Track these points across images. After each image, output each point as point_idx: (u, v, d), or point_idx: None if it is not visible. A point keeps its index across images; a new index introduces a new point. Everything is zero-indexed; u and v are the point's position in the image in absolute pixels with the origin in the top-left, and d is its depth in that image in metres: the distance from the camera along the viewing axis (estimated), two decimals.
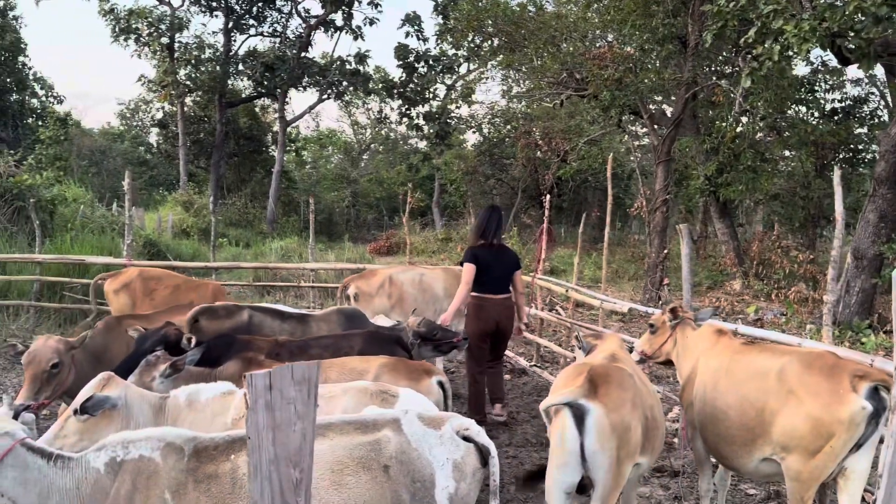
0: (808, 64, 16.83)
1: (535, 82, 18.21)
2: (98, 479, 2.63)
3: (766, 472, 3.86)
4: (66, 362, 4.68)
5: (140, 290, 7.65)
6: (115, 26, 26.69)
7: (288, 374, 1.74)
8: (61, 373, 4.64)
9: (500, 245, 6.67)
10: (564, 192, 26.99)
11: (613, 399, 3.46)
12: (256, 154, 33.43)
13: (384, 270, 8.07)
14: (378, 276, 7.82)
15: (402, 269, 8.15)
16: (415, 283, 7.73)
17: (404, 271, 8.06)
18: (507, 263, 6.59)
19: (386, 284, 7.60)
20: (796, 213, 16.67)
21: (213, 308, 5.68)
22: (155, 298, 7.51)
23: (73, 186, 18.27)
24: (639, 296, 14.25)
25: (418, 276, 7.94)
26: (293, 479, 1.75)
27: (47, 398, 4.61)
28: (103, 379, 3.42)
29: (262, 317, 5.64)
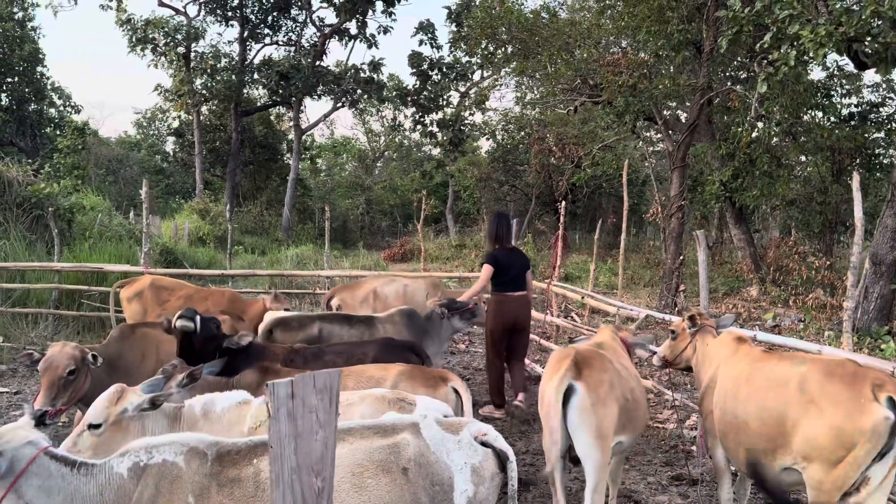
0: (824, 69, 16.72)
1: (548, 89, 18.20)
2: (121, 484, 2.65)
3: (787, 481, 3.81)
4: (82, 369, 4.71)
5: (151, 299, 7.69)
6: (132, 36, 27.00)
7: (310, 382, 1.75)
8: (77, 379, 4.68)
9: (513, 247, 7.49)
10: (579, 198, 26.95)
11: (594, 380, 4.02)
12: (272, 162, 33.66)
13: (368, 283, 8.07)
14: (362, 289, 7.84)
15: (386, 281, 8.14)
16: (399, 294, 7.76)
17: (388, 283, 8.05)
18: (521, 264, 7.32)
19: (370, 297, 7.63)
20: (814, 219, 16.52)
21: (287, 320, 5.97)
22: (167, 308, 7.53)
23: (90, 195, 18.45)
24: (654, 302, 14.18)
25: (402, 287, 7.98)
26: (315, 487, 1.76)
27: (64, 404, 4.64)
28: (117, 391, 3.42)
29: (332, 326, 6.00)
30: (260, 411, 3.49)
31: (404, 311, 6.50)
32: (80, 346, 4.82)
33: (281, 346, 4.74)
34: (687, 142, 13.62)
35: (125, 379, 5.12)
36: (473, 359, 10.23)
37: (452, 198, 31.08)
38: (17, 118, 31.53)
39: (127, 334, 5.48)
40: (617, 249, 23.14)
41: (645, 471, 6.05)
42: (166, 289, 7.81)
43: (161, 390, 3.55)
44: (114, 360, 5.18)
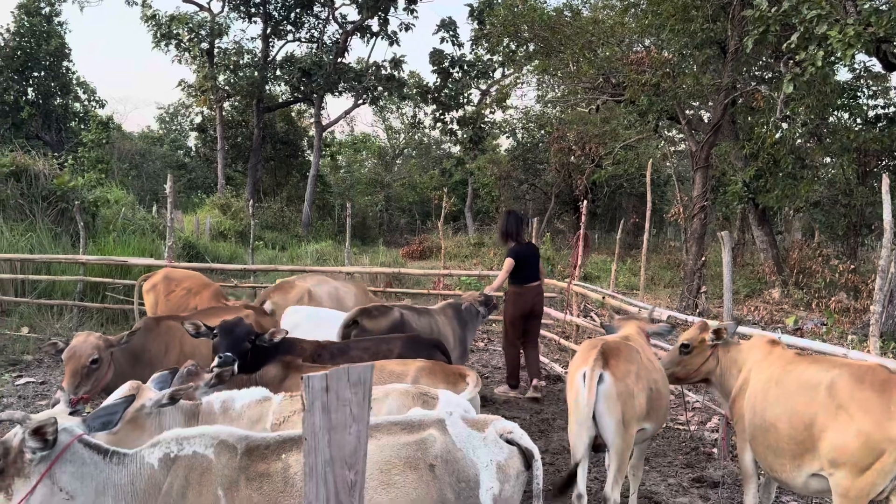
0: (851, 70, 16.50)
1: (570, 87, 18.12)
2: (152, 474, 2.69)
3: (815, 488, 3.76)
4: (105, 359, 4.77)
5: (162, 290, 7.76)
6: (156, 32, 27.25)
7: (344, 376, 1.77)
8: (100, 369, 4.73)
9: (528, 242, 8.34)
10: (598, 197, 26.82)
11: (621, 370, 4.23)
12: (292, 158, 33.85)
13: (301, 283, 7.92)
14: (296, 290, 7.70)
15: (320, 282, 8.05)
16: (332, 296, 7.69)
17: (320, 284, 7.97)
18: (535, 256, 8.06)
19: (305, 298, 7.52)
20: (838, 222, 16.31)
21: (369, 309, 6.19)
22: (171, 300, 7.57)
23: (114, 189, 18.66)
24: (675, 303, 14.09)
25: (334, 289, 7.90)
26: (348, 480, 1.78)
27: (86, 393, 4.70)
28: (132, 388, 3.45)
29: (409, 313, 6.39)
30: (282, 407, 3.51)
31: (452, 304, 7.02)
32: (103, 336, 4.88)
33: (309, 342, 4.77)
34: (710, 142, 13.50)
35: (149, 371, 5.18)
36: (492, 357, 10.24)
37: (471, 196, 31.06)
38: (43, 112, 31.97)
39: (151, 327, 5.53)
40: (636, 250, 23.08)
41: (665, 472, 6.02)
42: (174, 280, 7.86)
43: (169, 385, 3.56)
44: (138, 353, 5.24)
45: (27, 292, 10.99)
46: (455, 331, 6.79)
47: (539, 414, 7.52)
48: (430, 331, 6.38)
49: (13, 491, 2.63)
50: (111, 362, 4.87)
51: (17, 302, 10.76)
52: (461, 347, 6.83)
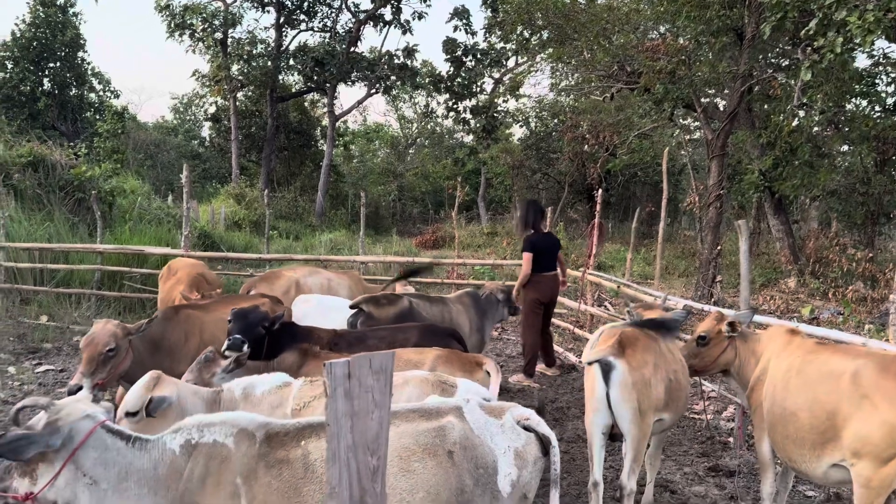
0: (869, 56, 16.27)
1: (584, 75, 18.00)
2: (173, 460, 2.72)
3: (836, 478, 3.73)
4: (122, 347, 4.80)
5: (165, 278, 7.81)
6: (170, 22, 27.30)
7: (366, 363, 1.78)
8: (117, 357, 4.77)
9: (547, 231, 8.46)
10: (612, 186, 26.68)
11: (637, 359, 4.21)
12: (306, 148, 33.89)
13: (289, 274, 7.78)
14: (283, 280, 7.57)
15: (309, 273, 7.89)
16: (322, 287, 7.54)
17: (311, 275, 7.82)
18: (554, 246, 8.23)
19: (292, 289, 7.37)
20: (855, 210, 16.14)
21: (377, 297, 6.18)
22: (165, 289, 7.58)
23: (130, 179, 18.79)
24: (690, 292, 14.02)
25: (326, 280, 7.74)
26: (371, 466, 1.79)
27: (102, 380, 4.74)
28: (153, 378, 3.48)
29: (419, 302, 6.36)
30: (303, 393, 3.54)
31: (469, 292, 7.02)
32: (121, 325, 4.90)
33: (325, 330, 4.79)
34: (727, 130, 13.38)
35: (168, 360, 5.24)
36: (506, 346, 10.25)
37: (484, 185, 30.98)
38: (59, 103, 32.16)
39: (171, 316, 5.57)
40: (650, 239, 22.98)
41: (681, 461, 6.02)
42: (172, 269, 7.87)
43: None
44: (157, 341, 5.28)
45: (46, 281, 11.11)
46: (472, 319, 6.77)
47: (554, 402, 7.54)
48: (441, 319, 6.35)
49: (38, 476, 2.68)
50: (129, 350, 4.91)
51: (35, 291, 10.88)
52: (478, 336, 6.83)
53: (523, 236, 8.32)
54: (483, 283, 9.17)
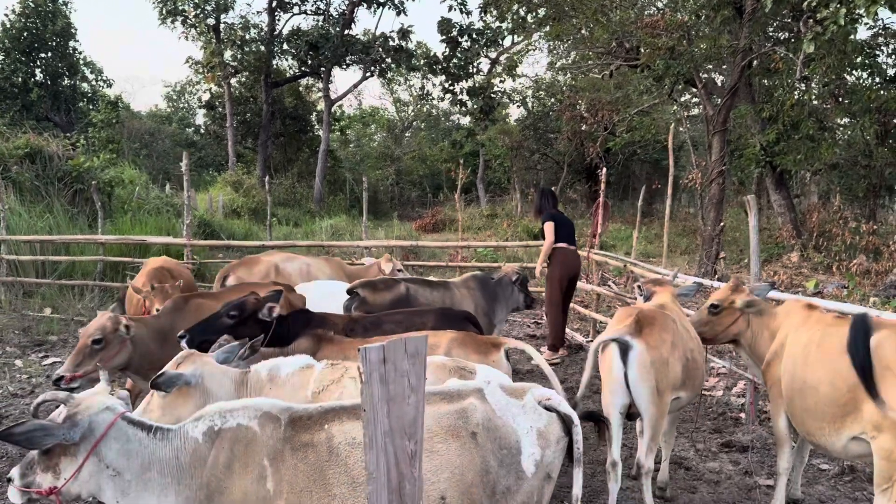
0: (870, 28, 16.17)
1: (582, 53, 17.87)
2: (196, 448, 2.70)
3: (855, 451, 3.71)
4: (112, 339, 4.75)
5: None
6: (162, 9, 27.07)
7: (401, 347, 1.75)
8: (105, 349, 4.73)
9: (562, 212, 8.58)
10: (612, 165, 26.61)
11: (655, 339, 4.19)
12: (302, 134, 33.72)
13: (268, 259, 7.65)
14: (261, 265, 7.43)
15: (288, 258, 7.78)
16: (302, 272, 7.43)
17: (290, 260, 7.71)
18: (571, 224, 8.43)
19: (271, 273, 7.25)
20: (857, 183, 16.11)
21: (374, 282, 6.11)
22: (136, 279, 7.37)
23: (128, 168, 18.69)
24: (693, 270, 14.02)
25: (305, 265, 7.64)
26: (408, 450, 1.76)
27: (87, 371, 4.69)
28: (182, 356, 3.52)
29: (417, 287, 6.25)
30: (323, 375, 3.53)
31: (477, 276, 6.89)
32: (116, 317, 4.87)
33: (340, 316, 4.76)
34: (728, 105, 13.32)
35: (177, 350, 5.20)
36: (513, 328, 10.23)
37: (483, 167, 30.89)
38: (52, 93, 31.95)
39: (180, 306, 5.50)
40: (650, 217, 22.94)
41: (694, 438, 6.02)
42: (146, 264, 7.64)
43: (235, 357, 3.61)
44: (165, 332, 5.23)
45: (48, 273, 11.06)
46: (479, 303, 6.62)
47: (564, 383, 7.52)
48: (443, 304, 6.27)
49: (61, 470, 2.66)
50: (125, 342, 4.84)
51: (38, 283, 10.84)
52: (486, 320, 6.74)
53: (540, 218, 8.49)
54: (500, 265, 9.15)
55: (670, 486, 4.92)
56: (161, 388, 3.34)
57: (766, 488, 4.91)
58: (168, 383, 3.33)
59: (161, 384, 3.32)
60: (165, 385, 3.33)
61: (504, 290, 6.83)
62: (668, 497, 4.82)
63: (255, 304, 4.47)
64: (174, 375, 3.36)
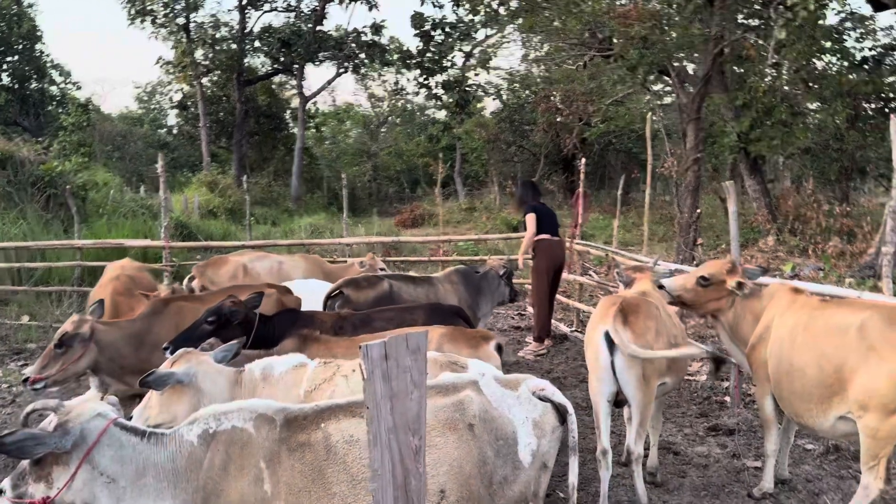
0: (838, 13, 16.39)
1: (556, 45, 17.90)
2: (192, 451, 2.68)
3: (842, 431, 3.78)
4: (74, 343, 4.73)
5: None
6: (131, 9, 26.69)
7: (403, 343, 1.75)
8: (68, 353, 4.71)
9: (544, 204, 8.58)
10: (588, 155, 26.73)
11: (640, 326, 4.23)
12: (277, 132, 33.48)
13: (235, 258, 7.45)
14: (228, 265, 7.23)
15: (257, 257, 7.59)
16: (272, 271, 7.25)
17: (259, 259, 7.51)
18: (554, 215, 8.45)
19: (239, 274, 7.07)
20: (830, 167, 16.35)
21: (357, 280, 6.07)
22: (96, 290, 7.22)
23: (101, 171, 18.44)
24: (671, 257, 14.14)
25: (276, 263, 7.46)
26: (413, 446, 1.77)
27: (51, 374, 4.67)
28: (179, 354, 3.54)
29: (400, 284, 6.22)
30: (315, 374, 3.54)
31: (460, 270, 6.89)
32: (80, 320, 4.83)
33: (328, 314, 4.75)
34: (701, 93, 13.41)
35: (155, 353, 5.13)
36: (497, 320, 10.27)
37: (460, 161, 30.87)
38: (20, 97, 31.35)
39: (159, 309, 5.43)
40: (627, 206, 23.06)
41: (681, 423, 6.09)
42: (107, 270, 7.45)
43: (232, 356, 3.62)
44: (142, 335, 5.16)
45: (24, 280, 10.88)
46: (462, 297, 6.61)
47: (550, 373, 7.58)
48: (426, 299, 6.27)
49: (53, 479, 2.62)
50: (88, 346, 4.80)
51: (14, 291, 10.65)
52: (470, 313, 6.75)
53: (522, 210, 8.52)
54: (483, 258, 9.15)
55: (660, 471, 4.98)
56: (151, 386, 3.35)
57: (754, 470, 4.99)
58: (158, 382, 3.34)
59: (151, 383, 3.33)
60: (156, 384, 3.34)
61: (490, 283, 6.79)
62: (659, 482, 4.88)
63: (232, 307, 4.45)
64: (165, 374, 3.37)
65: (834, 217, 13.87)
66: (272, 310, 4.87)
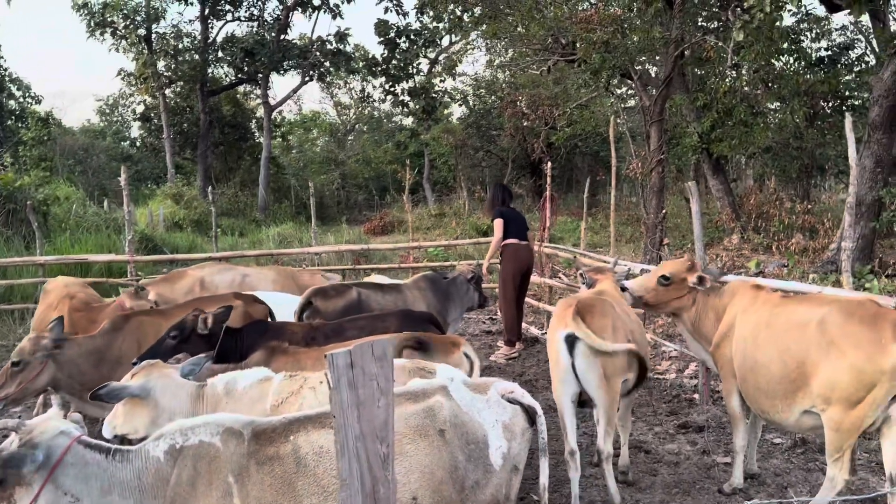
0: (794, 14, 16.76)
1: (520, 50, 18.04)
2: (158, 467, 2.65)
3: (808, 424, 3.84)
4: (31, 361, 4.66)
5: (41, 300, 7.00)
6: (90, 21, 26.25)
7: (368, 350, 1.74)
8: (24, 371, 4.64)
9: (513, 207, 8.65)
10: (555, 159, 26.94)
11: (596, 325, 4.28)
12: (242, 141, 33.16)
13: (194, 273, 7.18)
14: (186, 280, 7.00)
15: (218, 270, 7.29)
16: (234, 284, 6.96)
17: (220, 272, 7.22)
18: (523, 219, 8.49)
19: (196, 288, 6.84)
20: (790, 165, 16.70)
21: (325, 289, 6.00)
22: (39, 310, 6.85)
23: (62, 186, 18.10)
24: (639, 257, 14.30)
25: (239, 276, 7.18)
26: (381, 454, 1.76)
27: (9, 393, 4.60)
28: (141, 366, 3.52)
29: (368, 292, 6.15)
30: (282, 387, 3.50)
31: (428, 276, 6.87)
32: (37, 338, 4.76)
33: (299, 325, 4.70)
34: (663, 95, 13.60)
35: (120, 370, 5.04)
36: (468, 325, 10.29)
37: (428, 167, 30.89)
38: None
39: (119, 325, 5.33)
40: (595, 208, 23.29)
41: (651, 421, 6.15)
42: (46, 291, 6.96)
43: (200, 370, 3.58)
44: (102, 352, 5.07)
45: None
46: (431, 303, 6.57)
47: (522, 376, 7.61)
48: (395, 306, 6.23)
49: (15, 500, 2.57)
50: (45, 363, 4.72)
51: None
52: (440, 319, 6.75)
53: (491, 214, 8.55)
54: (453, 264, 9.17)
55: (632, 469, 5.02)
56: (102, 399, 3.35)
57: (724, 466, 5.06)
58: (110, 395, 3.33)
59: (102, 396, 3.32)
60: (107, 397, 3.34)
61: (459, 289, 6.80)
62: (631, 481, 4.92)
63: (194, 321, 4.40)
64: (117, 388, 3.36)
65: (796, 214, 14.17)
66: (238, 321, 4.82)
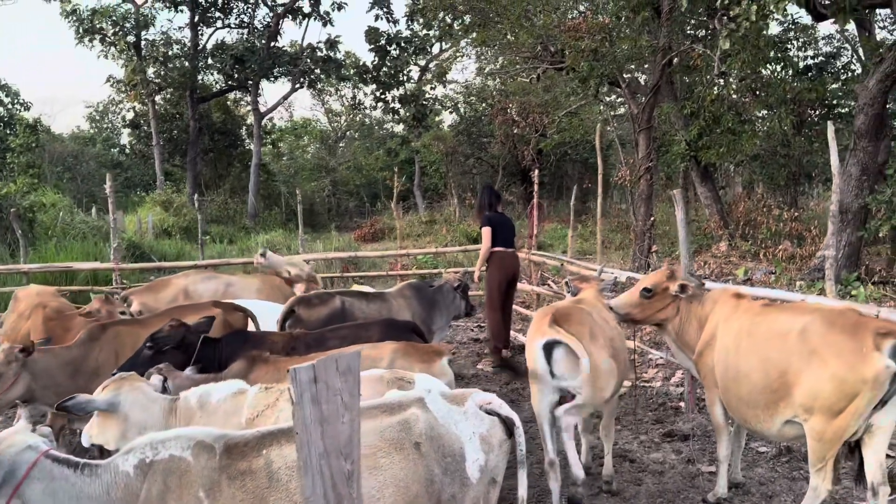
0: (781, 23, 16.87)
1: (509, 58, 18.07)
2: (128, 482, 2.60)
3: (790, 434, 3.82)
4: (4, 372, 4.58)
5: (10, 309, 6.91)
6: (78, 27, 26.16)
7: (332, 364, 1.71)
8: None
9: (501, 212, 8.49)
10: (545, 167, 26.99)
11: (574, 333, 4.25)
12: (232, 148, 33.07)
13: (177, 281, 7.14)
14: (169, 289, 6.96)
15: (202, 279, 7.23)
16: (218, 293, 6.91)
17: (204, 280, 7.17)
18: (511, 225, 8.40)
19: (179, 298, 6.79)
20: (778, 173, 16.77)
21: (308, 298, 5.96)
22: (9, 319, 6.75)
23: (50, 193, 17.98)
24: (628, 264, 14.30)
25: (223, 285, 7.14)
26: (345, 471, 1.72)
27: None
28: (113, 379, 3.49)
29: (352, 300, 6.11)
30: (257, 400, 3.45)
31: (413, 284, 6.83)
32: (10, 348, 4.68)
33: (280, 335, 4.66)
34: (651, 103, 13.66)
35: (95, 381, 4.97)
36: (456, 332, 10.25)
37: (419, 174, 30.89)
38: None
39: (96, 335, 5.25)
40: (584, 216, 23.34)
41: (636, 430, 6.13)
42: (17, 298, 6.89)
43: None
44: (77, 362, 5.00)
45: None
46: (416, 311, 6.49)
47: (508, 385, 7.57)
48: (379, 315, 6.15)
49: None
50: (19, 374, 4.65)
51: None
52: (424, 328, 6.68)
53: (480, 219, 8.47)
54: (441, 271, 9.13)
55: (616, 479, 4.99)
56: (69, 411, 3.33)
57: (709, 475, 5.03)
58: (76, 408, 3.30)
59: (69, 408, 3.29)
60: (74, 409, 3.31)
61: (445, 297, 6.73)
62: (615, 490, 4.88)
63: (171, 331, 4.35)
64: (83, 401, 3.32)
65: (783, 221, 14.20)
66: (217, 330, 4.76)
